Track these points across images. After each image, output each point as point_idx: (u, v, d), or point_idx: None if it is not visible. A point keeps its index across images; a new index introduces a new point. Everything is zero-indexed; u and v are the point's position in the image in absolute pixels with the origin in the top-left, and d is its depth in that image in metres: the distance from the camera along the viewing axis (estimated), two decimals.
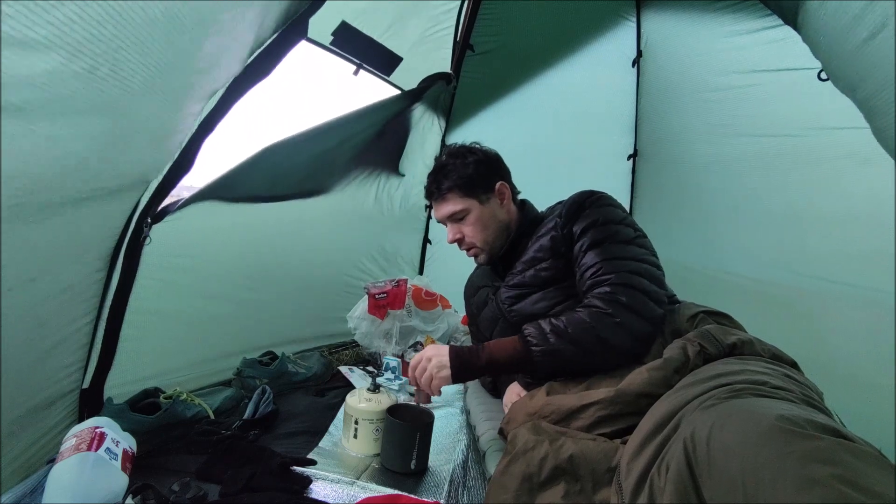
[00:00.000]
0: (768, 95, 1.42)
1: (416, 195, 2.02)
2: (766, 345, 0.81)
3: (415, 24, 1.66)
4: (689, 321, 0.91)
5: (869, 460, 0.44)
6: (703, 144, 1.72)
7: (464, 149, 1.16)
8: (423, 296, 1.67)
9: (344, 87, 1.51)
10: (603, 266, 0.95)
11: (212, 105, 0.94)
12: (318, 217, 1.60)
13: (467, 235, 1.14)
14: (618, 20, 2.03)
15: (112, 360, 1.01)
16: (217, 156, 1.10)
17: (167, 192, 0.99)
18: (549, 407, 0.84)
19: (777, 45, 1.34)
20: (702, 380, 0.67)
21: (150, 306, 1.08)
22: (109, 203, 0.81)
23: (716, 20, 1.57)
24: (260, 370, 1.31)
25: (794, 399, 0.61)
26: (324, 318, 1.73)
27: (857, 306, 1.22)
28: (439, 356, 0.94)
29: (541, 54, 2.05)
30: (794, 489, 0.42)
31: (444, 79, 1.80)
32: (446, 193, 1.12)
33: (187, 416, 1.03)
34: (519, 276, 1.08)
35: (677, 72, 1.85)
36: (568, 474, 0.69)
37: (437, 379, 0.93)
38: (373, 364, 1.61)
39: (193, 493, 0.77)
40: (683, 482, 0.51)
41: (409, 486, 0.88)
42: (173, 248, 1.09)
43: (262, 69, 0.97)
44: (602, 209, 1.02)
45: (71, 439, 0.74)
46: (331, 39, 1.38)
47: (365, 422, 0.97)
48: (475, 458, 1.06)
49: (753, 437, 0.47)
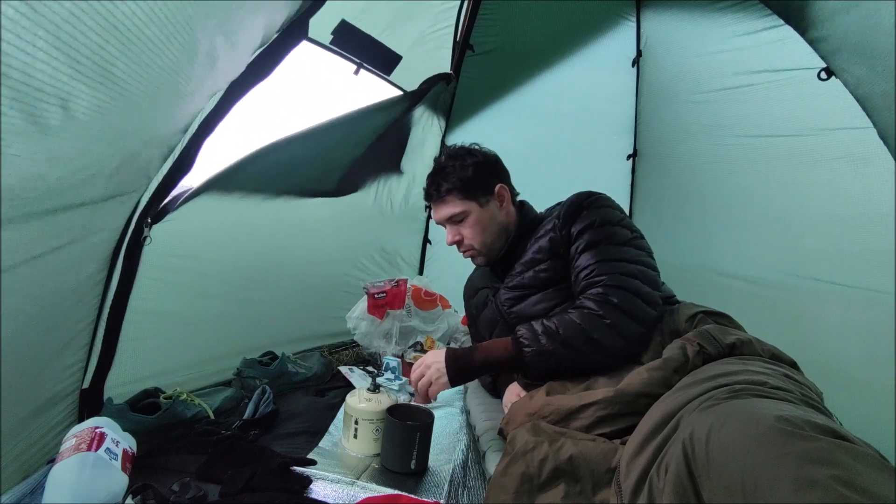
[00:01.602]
0: (768, 96, 1.42)
1: (416, 195, 2.02)
2: (765, 345, 0.81)
3: (415, 23, 1.66)
4: (689, 321, 0.91)
5: (867, 461, 0.44)
6: (702, 144, 1.72)
7: (463, 150, 1.16)
8: (422, 296, 1.67)
9: (344, 86, 1.51)
10: (597, 267, 0.95)
11: (212, 105, 0.94)
12: (318, 217, 1.60)
13: (466, 237, 1.14)
14: (618, 20, 2.03)
15: (112, 360, 1.01)
16: (217, 156, 1.10)
17: (167, 193, 0.99)
18: (548, 407, 0.84)
19: (777, 45, 1.34)
20: (701, 380, 0.68)
21: (151, 306, 1.08)
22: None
23: (716, 20, 1.57)
24: (260, 370, 1.31)
25: (794, 399, 0.61)
26: (324, 318, 1.73)
27: (855, 307, 1.22)
28: (437, 363, 0.96)
29: (541, 54, 2.05)
30: (793, 490, 0.42)
31: (444, 79, 1.80)
32: (445, 196, 1.12)
33: (187, 416, 1.03)
34: (518, 278, 1.08)
35: (677, 72, 1.85)
36: (568, 475, 0.69)
37: (436, 385, 0.95)
38: (373, 364, 1.61)
39: (193, 493, 0.77)
40: (682, 483, 0.52)
41: (409, 486, 0.88)
42: (173, 248, 1.09)
43: (262, 70, 0.97)
44: (600, 210, 1.03)
45: (71, 439, 0.74)
46: (331, 38, 1.38)
47: (365, 422, 0.97)
48: (475, 458, 1.06)
49: (752, 437, 0.48)
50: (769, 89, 1.41)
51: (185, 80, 0.74)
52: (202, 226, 1.17)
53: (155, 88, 0.68)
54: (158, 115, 0.76)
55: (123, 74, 0.59)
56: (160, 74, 0.66)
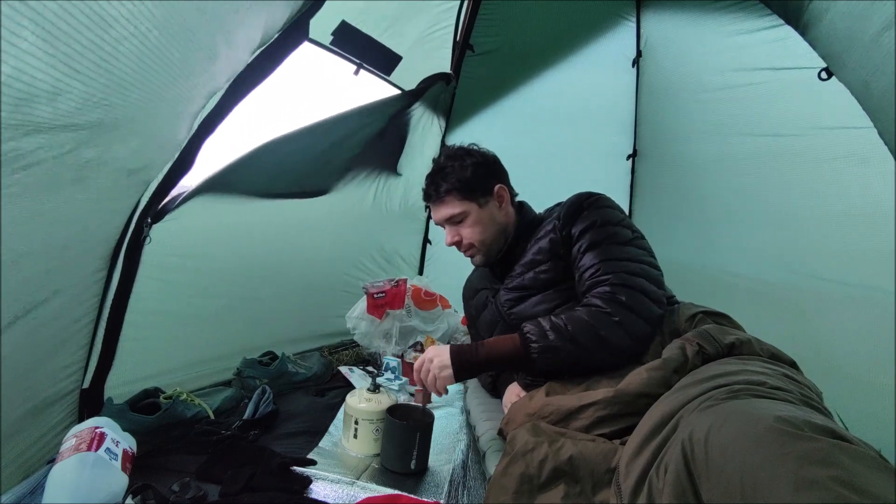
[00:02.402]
0: (767, 95, 1.42)
1: (415, 195, 2.01)
2: (764, 344, 0.81)
3: (415, 23, 1.66)
4: (688, 321, 0.91)
5: (867, 462, 0.44)
6: (702, 144, 1.72)
7: (462, 151, 1.16)
8: (422, 296, 1.67)
9: (344, 87, 1.51)
10: (601, 266, 0.95)
11: (212, 105, 0.94)
12: (318, 217, 1.60)
13: (465, 238, 1.14)
14: (617, 20, 2.03)
15: (112, 360, 1.01)
16: (217, 157, 1.10)
17: (167, 192, 1.00)
18: (548, 407, 0.84)
19: (776, 44, 1.34)
20: (700, 380, 0.68)
21: (150, 306, 1.08)
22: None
23: (716, 20, 1.57)
24: (260, 370, 1.31)
25: (793, 400, 0.61)
26: (324, 318, 1.73)
27: (855, 305, 1.22)
28: (441, 356, 0.95)
29: (541, 54, 2.05)
30: (792, 490, 0.42)
31: (443, 79, 1.80)
32: (444, 196, 1.12)
33: (187, 416, 1.03)
34: (518, 279, 1.08)
35: (677, 72, 1.85)
36: (567, 476, 0.69)
37: (440, 379, 0.94)
38: (373, 364, 1.61)
39: (193, 493, 0.77)
40: (682, 483, 0.52)
41: (409, 486, 0.88)
42: (173, 248, 1.09)
43: (263, 70, 0.97)
44: (600, 210, 1.03)
45: (71, 439, 0.74)
46: (331, 39, 1.38)
47: (365, 422, 0.97)
48: (475, 458, 1.06)
49: (751, 438, 0.48)
50: (769, 89, 1.41)
51: (185, 79, 0.74)
52: (202, 225, 1.18)
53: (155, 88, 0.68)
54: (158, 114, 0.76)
55: (121, 73, 0.59)
56: (160, 73, 0.66)
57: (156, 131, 0.82)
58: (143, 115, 0.72)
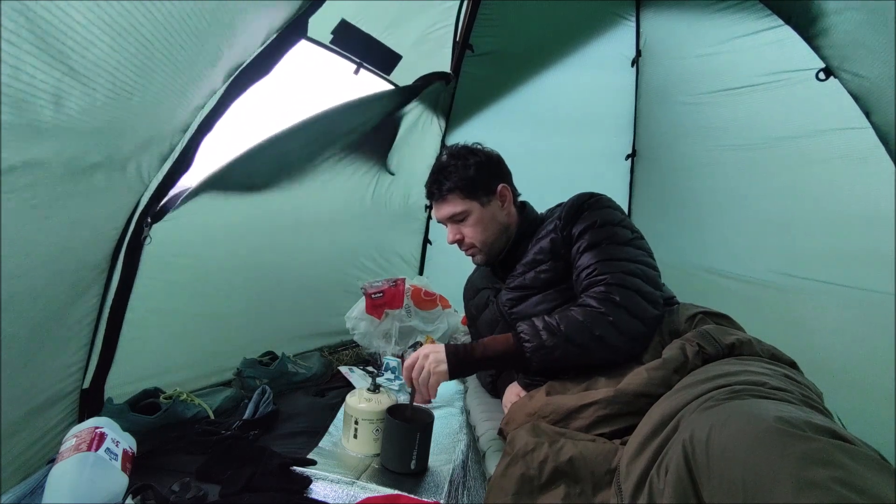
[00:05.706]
0: (767, 96, 1.42)
1: (416, 195, 2.02)
2: (764, 345, 0.82)
3: (415, 23, 1.65)
4: (688, 322, 0.91)
5: (867, 462, 0.44)
6: (701, 144, 1.72)
7: (465, 150, 1.16)
8: (422, 296, 1.66)
9: (344, 86, 1.51)
10: (598, 266, 0.95)
11: (212, 104, 0.94)
12: (317, 216, 1.59)
13: (467, 236, 1.14)
14: (617, 20, 2.03)
15: (112, 360, 1.01)
16: (216, 156, 1.10)
17: (167, 192, 0.99)
18: (548, 407, 0.84)
19: (776, 45, 1.35)
20: (701, 381, 0.68)
21: (151, 306, 1.07)
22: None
23: (715, 20, 1.57)
24: (260, 370, 1.31)
25: (793, 400, 0.61)
26: (324, 317, 1.73)
27: (852, 307, 1.22)
28: (436, 353, 0.94)
29: (540, 55, 2.05)
30: (793, 491, 0.42)
31: (442, 79, 1.80)
32: (447, 195, 1.12)
33: (187, 416, 1.03)
34: (519, 279, 1.09)
35: (676, 72, 1.85)
36: (568, 476, 0.69)
37: (434, 375, 0.92)
38: (373, 364, 1.61)
39: (193, 493, 0.77)
40: (683, 484, 0.52)
41: (409, 486, 0.88)
42: (173, 248, 1.09)
43: (261, 68, 0.97)
44: (600, 211, 1.03)
45: (71, 439, 0.74)
46: (330, 38, 1.38)
47: (365, 422, 0.97)
48: (475, 458, 1.06)
49: (752, 438, 0.48)
50: (768, 89, 1.41)
51: (187, 79, 0.74)
52: (202, 225, 1.17)
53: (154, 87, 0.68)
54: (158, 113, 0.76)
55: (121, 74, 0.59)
56: (161, 73, 0.66)
57: (156, 131, 0.82)
58: (143, 117, 0.72)
